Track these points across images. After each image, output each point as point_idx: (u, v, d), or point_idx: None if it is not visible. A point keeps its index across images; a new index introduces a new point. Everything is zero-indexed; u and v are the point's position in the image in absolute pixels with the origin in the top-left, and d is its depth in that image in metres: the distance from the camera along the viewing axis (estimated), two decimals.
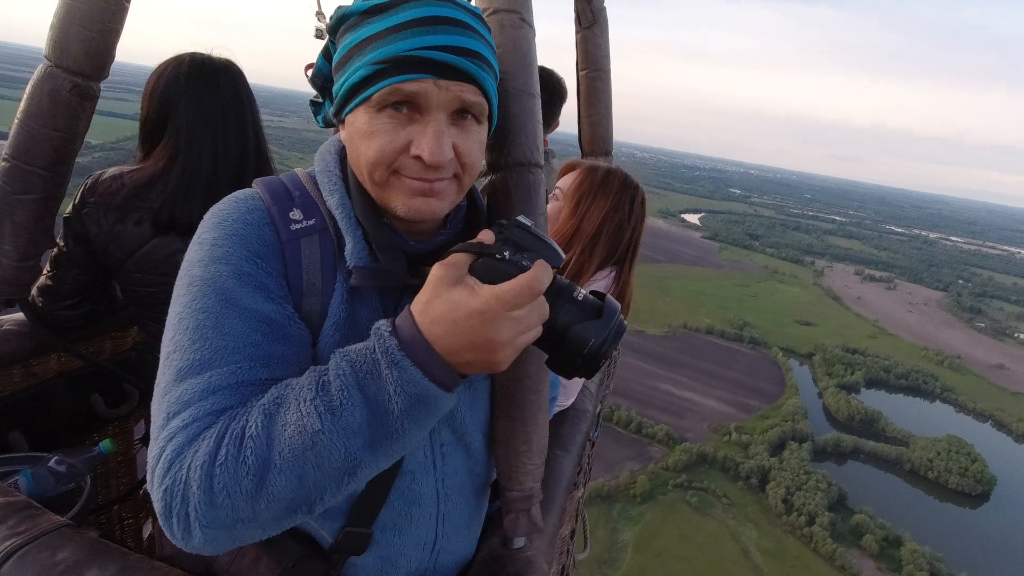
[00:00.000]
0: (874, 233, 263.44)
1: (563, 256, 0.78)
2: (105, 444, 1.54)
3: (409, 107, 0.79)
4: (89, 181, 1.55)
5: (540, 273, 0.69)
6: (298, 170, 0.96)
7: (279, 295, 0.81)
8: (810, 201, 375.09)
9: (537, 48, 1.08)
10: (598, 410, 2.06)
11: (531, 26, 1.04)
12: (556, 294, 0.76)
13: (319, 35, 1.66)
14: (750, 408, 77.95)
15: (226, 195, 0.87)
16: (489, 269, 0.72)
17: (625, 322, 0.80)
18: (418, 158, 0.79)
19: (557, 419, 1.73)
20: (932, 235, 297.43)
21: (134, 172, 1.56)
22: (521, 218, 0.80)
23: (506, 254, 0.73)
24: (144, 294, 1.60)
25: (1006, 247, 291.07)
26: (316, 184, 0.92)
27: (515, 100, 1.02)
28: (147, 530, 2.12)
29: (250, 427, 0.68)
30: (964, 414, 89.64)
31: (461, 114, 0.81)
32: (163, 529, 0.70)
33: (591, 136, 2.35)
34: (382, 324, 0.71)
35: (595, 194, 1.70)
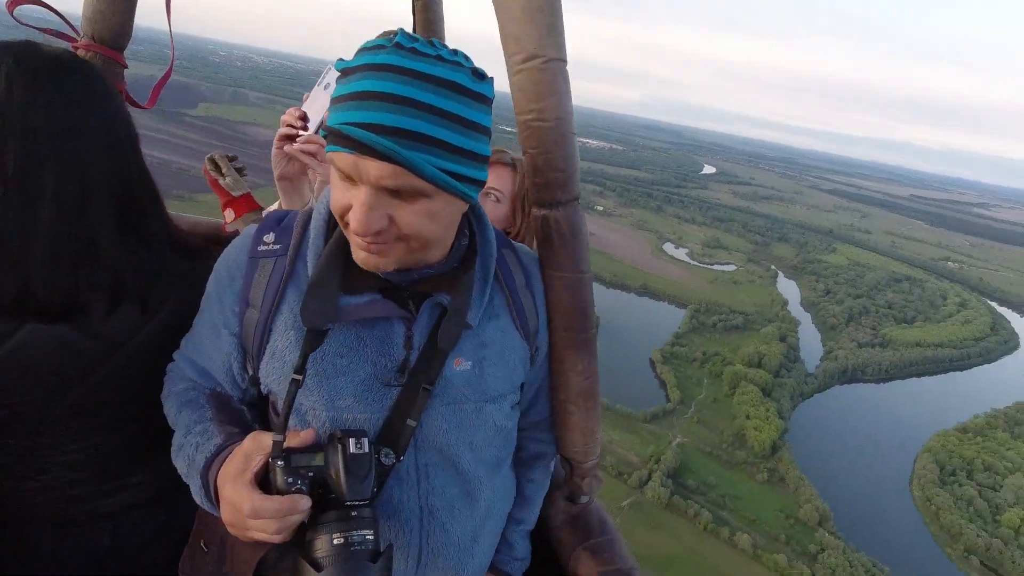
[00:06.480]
0: None
1: (351, 493, 0.84)
2: None
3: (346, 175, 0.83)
4: None
5: (250, 508, 0.82)
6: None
7: (231, 310, 1.01)
8: None
9: None
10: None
11: (567, 65, 1.08)
12: (327, 530, 0.82)
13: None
14: None
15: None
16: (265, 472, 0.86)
17: None
18: None
19: None
20: None
21: None
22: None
23: (289, 481, 0.83)
24: None
25: None
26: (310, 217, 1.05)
27: (567, 142, 1.09)
28: None
29: (174, 409, 1.06)
30: None
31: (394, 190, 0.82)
32: None
33: None
34: (214, 445, 0.96)
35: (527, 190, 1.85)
